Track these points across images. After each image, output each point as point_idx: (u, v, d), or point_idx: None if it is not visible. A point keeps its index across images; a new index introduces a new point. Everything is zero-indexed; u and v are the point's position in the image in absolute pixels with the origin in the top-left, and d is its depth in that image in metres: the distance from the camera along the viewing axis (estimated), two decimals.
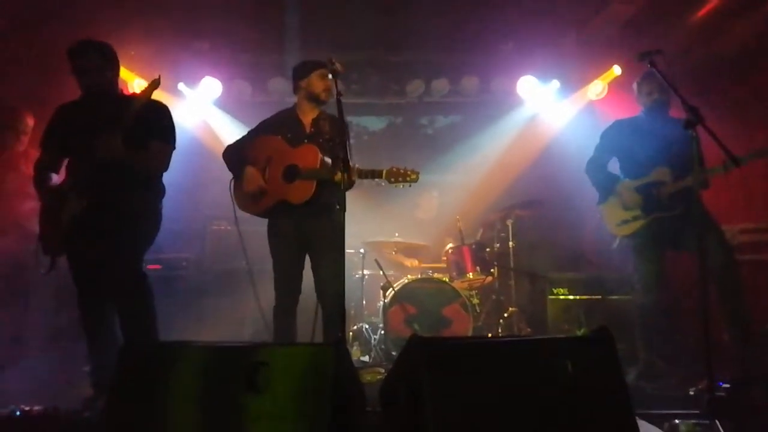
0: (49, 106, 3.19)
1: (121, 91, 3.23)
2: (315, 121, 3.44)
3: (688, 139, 2.69)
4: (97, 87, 3.03)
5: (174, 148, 3.15)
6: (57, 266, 2.98)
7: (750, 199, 4.69)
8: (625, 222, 3.59)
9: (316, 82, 3.41)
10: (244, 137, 3.53)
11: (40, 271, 2.98)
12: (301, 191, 3.21)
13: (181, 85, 5.65)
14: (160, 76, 2.97)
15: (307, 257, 3.41)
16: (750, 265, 4.48)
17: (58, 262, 2.98)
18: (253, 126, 3.58)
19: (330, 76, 3.23)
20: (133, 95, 3.07)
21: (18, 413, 2.67)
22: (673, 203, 3.43)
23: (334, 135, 3.36)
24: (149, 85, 2.93)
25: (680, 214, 3.41)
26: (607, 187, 3.70)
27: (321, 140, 3.35)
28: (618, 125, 3.75)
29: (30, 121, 4.19)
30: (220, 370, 1.97)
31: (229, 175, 3.45)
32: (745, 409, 2.59)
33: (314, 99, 3.43)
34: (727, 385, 2.62)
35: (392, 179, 3.07)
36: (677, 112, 3.01)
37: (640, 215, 3.53)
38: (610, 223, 3.68)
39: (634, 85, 3.70)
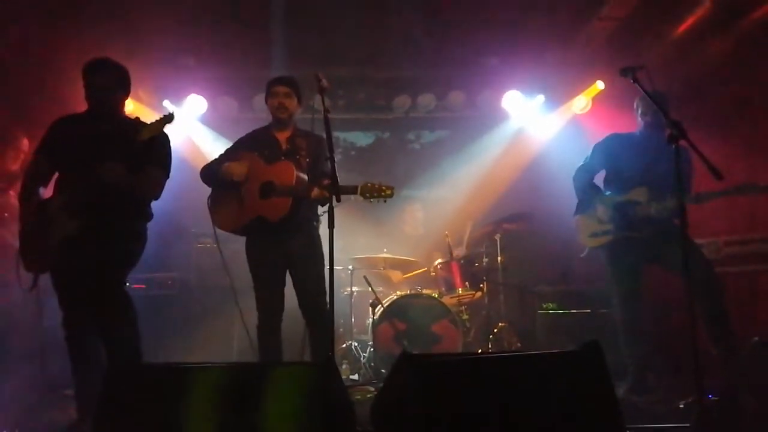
0: (36, 125, 3.14)
1: (125, 114, 3.20)
2: (290, 139, 3.43)
3: (679, 160, 2.68)
4: (104, 106, 3.02)
5: (169, 176, 3.12)
6: (39, 284, 2.92)
7: (732, 210, 4.74)
8: (595, 234, 3.63)
9: (270, 101, 3.42)
10: (220, 155, 3.49)
11: (23, 288, 2.92)
12: (277, 208, 3.19)
13: (166, 102, 5.63)
14: (173, 113, 2.94)
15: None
16: (735, 276, 4.52)
17: (40, 279, 2.92)
18: None
19: (290, 92, 3.35)
20: (139, 122, 3.02)
21: None
22: (642, 225, 3.46)
23: (310, 152, 3.36)
24: (162, 119, 2.90)
25: (647, 236, 3.44)
26: (587, 198, 3.73)
27: (297, 157, 3.34)
28: (612, 139, 3.76)
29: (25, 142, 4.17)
30: (209, 392, 1.94)
31: None
32: (733, 419, 2.59)
33: (273, 117, 3.44)
34: (716, 398, 2.62)
35: (367, 194, 3.01)
36: None
37: (609, 230, 3.56)
38: (582, 233, 3.73)
39: (635, 104, 3.70)
